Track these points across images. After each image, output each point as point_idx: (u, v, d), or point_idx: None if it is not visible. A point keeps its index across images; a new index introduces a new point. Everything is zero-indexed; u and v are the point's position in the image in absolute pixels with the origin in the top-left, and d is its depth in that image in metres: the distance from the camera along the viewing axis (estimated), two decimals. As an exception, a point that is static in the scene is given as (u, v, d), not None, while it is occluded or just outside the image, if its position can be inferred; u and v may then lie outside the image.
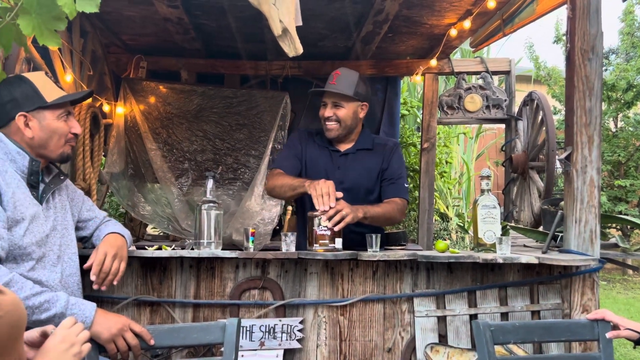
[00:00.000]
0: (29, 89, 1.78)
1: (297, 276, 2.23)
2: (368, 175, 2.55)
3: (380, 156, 2.57)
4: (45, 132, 1.79)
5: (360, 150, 2.58)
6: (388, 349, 2.21)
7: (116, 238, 1.97)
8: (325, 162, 2.56)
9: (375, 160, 2.56)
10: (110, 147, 3.46)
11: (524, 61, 9.38)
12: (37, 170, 1.78)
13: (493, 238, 2.25)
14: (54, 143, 1.82)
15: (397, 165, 2.58)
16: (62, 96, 1.84)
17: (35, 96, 1.78)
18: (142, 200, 3.61)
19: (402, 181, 2.56)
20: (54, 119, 1.81)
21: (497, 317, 2.20)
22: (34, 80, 1.82)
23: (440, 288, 2.23)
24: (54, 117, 1.81)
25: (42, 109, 1.79)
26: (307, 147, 2.60)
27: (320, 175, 2.43)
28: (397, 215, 2.48)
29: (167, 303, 2.19)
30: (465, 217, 7.25)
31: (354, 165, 2.55)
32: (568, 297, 2.22)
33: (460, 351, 2.15)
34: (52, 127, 1.81)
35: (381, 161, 2.57)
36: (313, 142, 2.62)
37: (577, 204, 2.23)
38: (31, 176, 1.77)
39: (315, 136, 2.64)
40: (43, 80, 1.85)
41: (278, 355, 2.14)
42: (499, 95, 4.02)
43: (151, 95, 3.66)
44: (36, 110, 1.78)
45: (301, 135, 2.67)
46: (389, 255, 2.15)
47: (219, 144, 3.74)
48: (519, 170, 3.68)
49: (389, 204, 2.46)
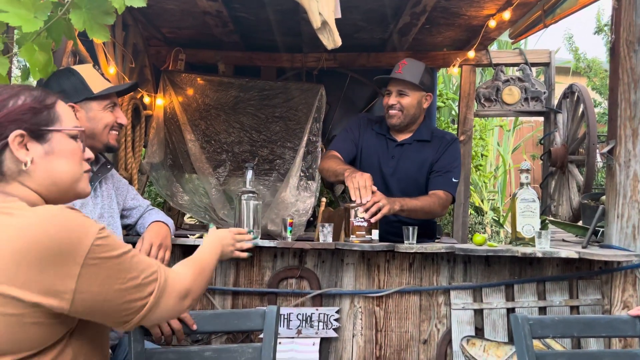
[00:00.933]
0: (76, 81, 1.85)
1: (334, 266, 2.26)
2: (421, 167, 2.54)
3: (435, 148, 2.56)
4: (92, 122, 1.85)
5: (418, 141, 2.58)
6: (424, 341, 2.22)
7: (160, 227, 2.03)
8: (380, 151, 2.58)
9: (430, 153, 2.55)
10: (151, 138, 3.55)
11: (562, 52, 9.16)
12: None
13: (532, 232, 2.23)
14: (100, 133, 1.88)
15: (449, 159, 2.55)
16: (108, 87, 1.89)
17: (82, 87, 1.85)
18: (180, 190, 3.69)
19: (451, 175, 2.51)
20: (101, 109, 1.87)
21: (535, 312, 2.18)
22: (82, 72, 1.88)
23: (478, 281, 2.23)
24: (101, 108, 1.87)
25: (89, 100, 1.85)
26: (365, 134, 2.63)
27: (373, 163, 2.50)
28: (438, 209, 2.42)
29: (207, 290, 2.25)
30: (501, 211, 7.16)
31: (409, 155, 2.56)
32: (608, 293, 2.19)
33: (497, 344, 2.15)
34: (99, 117, 1.86)
35: (435, 153, 2.55)
36: (371, 130, 2.64)
37: (619, 199, 2.19)
38: None
39: (375, 124, 2.66)
40: (90, 72, 1.92)
41: (315, 343, 2.18)
42: (537, 88, 3.95)
43: (189, 88, 3.73)
44: (83, 102, 1.84)
45: (361, 121, 2.69)
46: (426, 248, 2.16)
47: (255, 135, 3.79)
48: (558, 164, 3.61)
49: (430, 197, 2.43)
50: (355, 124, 2.68)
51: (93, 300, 1.02)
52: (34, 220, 1.00)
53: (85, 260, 1.01)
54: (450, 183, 2.49)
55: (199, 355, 1.64)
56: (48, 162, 1.14)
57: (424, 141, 2.58)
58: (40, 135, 1.13)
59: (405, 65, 2.55)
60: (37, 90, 1.17)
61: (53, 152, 1.15)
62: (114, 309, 1.07)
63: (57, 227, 1.00)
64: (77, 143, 1.19)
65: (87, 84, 1.86)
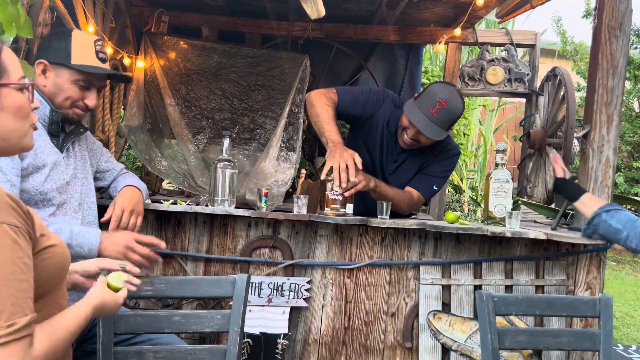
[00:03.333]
0: (64, 45, 1.79)
1: (307, 238, 2.28)
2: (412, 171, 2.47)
3: (435, 154, 2.45)
4: (56, 87, 1.79)
5: (426, 149, 2.42)
6: (392, 313, 2.27)
7: (133, 191, 2.01)
8: (385, 148, 2.45)
9: (429, 157, 2.45)
10: (130, 101, 3.49)
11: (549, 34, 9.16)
12: (57, 120, 1.81)
13: (503, 212, 2.26)
14: (60, 101, 1.81)
15: (442, 167, 2.45)
16: (87, 65, 1.81)
17: (64, 53, 1.78)
18: (158, 155, 3.66)
19: (435, 182, 2.44)
20: (69, 81, 1.80)
21: (501, 290, 2.23)
22: (76, 38, 1.82)
23: (447, 258, 2.26)
24: (70, 79, 1.80)
25: (64, 66, 1.79)
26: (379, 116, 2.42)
27: (375, 157, 2.40)
28: (404, 207, 2.38)
29: (180, 256, 2.26)
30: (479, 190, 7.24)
31: (412, 161, 2.44)
32: (573, 274, 2.24)
33: (462, 320, 2.20)
34: (63, 87, 1.80)
35: (432, 157, 2.45)
36: (385, 121, 2.43)
37: (590, 183, 2.22)
38: (52, 125, 1.80)
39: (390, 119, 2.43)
40: (85, 42, 1.84)
41: (285, 312, 2.21)
42: (521, 69, 3.96)
43: (171, 51, 3.66)
44: (58, 65, 1.78)
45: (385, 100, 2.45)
46: (398, 223, 2.19)
47: (236, 103, 3.75)
48: (536, 146, 3.65)
49: (404, 192, 2.38)
50: (378, 97, 2.43)
51: None
52: None
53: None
54: (430, 189, 2.44)
55: (168, 320, 1.66)
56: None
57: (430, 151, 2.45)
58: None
59: (444, 109, 2.21)
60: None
61: (1, 109, 1.11)
62: None
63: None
64: (24, 95, 1.15)
65: (70, 51, 1.79)
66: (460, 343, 2.19)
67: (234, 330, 1.66)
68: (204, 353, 1.66)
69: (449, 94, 2.25)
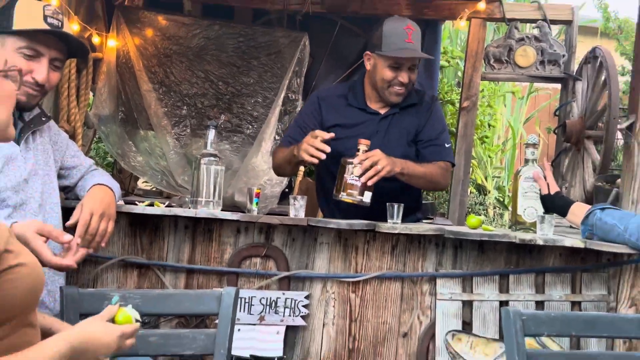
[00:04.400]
0: (7, 12, 1.76)
1: (306, 246, 2.28)
2: (408, 137, 2.56)
3: (417, 113, 2.58)
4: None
5: (405, 108, 2.57)
6: (404, 334, 2.27)
7: (104, 192, 2.01)
8: (361, 126, 2.54)
9: (413, 119, 2.57)
10: (100, 86, 3.50)
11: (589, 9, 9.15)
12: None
13: (534, 216, 2.27)
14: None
15: (435, 124, 2.58)
16: (31, 28, 1.76)
17: (6, 19, 1.75)
18: (133, 149, 3.67)
19: (444, 141, 2.56)
20: (13, 50, 1.76)
21: (531, 306, 2.24)
22: (21, 4, 1.79)
23: (469, 269, 2.27)
24: (14, 49, 1.76)
25: (6, 34, 1.75)
26: (330, 112, 2.57)
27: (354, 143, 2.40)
28: (442, 180, 2.53)
29: (157, 266, 2.26)
30: (506, 191, 7.24)
31: (395, 128, 2.56)
32: (615, 289, 2.25)
33: (485, 341, 2.21)
34: (6, 58, 1.69)
35: (418, 119, 2.56)
36: (342, 104, 2.59)
37: (635, 183, 2.23)
38: None
39: (343, 97, 2.61)
40: (33, 7, 1.81)
41: (279, 332, 2.22)
42: (556, 50, 3.95)
43: (148, 28, 3.67)
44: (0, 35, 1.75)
45: (319, 101, 2.62)
46: (411, 229, 2.19)
47: (223, 89, 3.76)
48: (573, 139, 3.65)
49: (433, 165, 2.48)
50: (310, 108, 2.62)
51: None
52: None
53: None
54: (445, 150, 2.56)
55: (143, 340, 1.67)
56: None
57: (410, 106, 2.59)
58: None
59: (414, 32, 2.48)
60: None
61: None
62: None
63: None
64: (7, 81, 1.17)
65: (13, 17, 1.76)
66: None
67: (220, 353, 1.67)
68: (185, 379, 1.67)
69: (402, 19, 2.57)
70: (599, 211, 2.10)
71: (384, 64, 2.48)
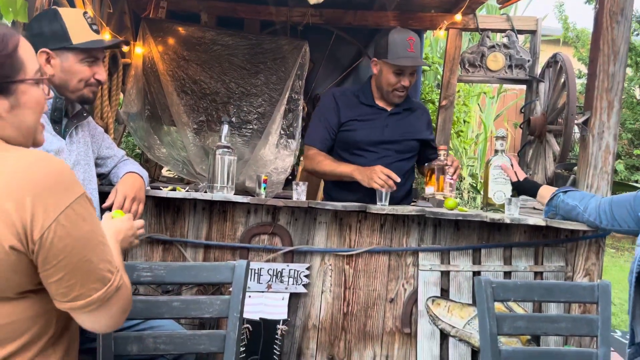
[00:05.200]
0: (58, 27, 1.75)
1: (307, 224, 2.28)
2: (414, 133, 2.62)
3: (420, 118, 2.68)
4: (66, 74, 1.77)
5: (405, 109, 2.64)
6: (390, 299, 2.28)
7: (135, 179, 2.01)
8: (372, 121, 2.58)
9: (419, 122, 2.66)
10: (128, 87, 3.48)
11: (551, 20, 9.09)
12: (60, 107, 1.80)
13: (502, 199, 2.27)
14: (73, 85, 1.80)
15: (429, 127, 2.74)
16: (89, 41, 1.79)
17: (62, 35, 1.75)
18: (158, 142, 3.65)
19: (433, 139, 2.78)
20: (77, 62, 1.78)
21: (500, 276, 2.24)
22: (66, 17, 1.78)
23: (446, 244, 2.27)
24: (77, 60, 1.78)
25: (66, 49, 1.76)
26: (346, 109, 2.59)
27: (366, 133, 2.53)
28: None
29: (179, 242, 2.26)
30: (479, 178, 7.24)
31: (401, 123, 2.61)
32: (572, 261, 2.25)
33: (460, 305, 2.22)
34: (73, 70, 1.78)
35: (425, 125, 2.68)
36: (355, 102, 2.61)
37: (590, 170, 2.23)
38: (54, 112, 1.79)
39: (354, 95, 2.64)
40: (77, 19, 1.81)
41: (284, 298, 2.22)
42: (522, 55, 3.93)
43: (170, 37, 3.63)
44: (60, 50, 1.75)
45: (336, 99, 2.63)
46: (397, 210, 2.19)
47: (235, 90, 3.73)
48: (536, 132, 3.64)
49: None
50: (329, 106, 2.62)
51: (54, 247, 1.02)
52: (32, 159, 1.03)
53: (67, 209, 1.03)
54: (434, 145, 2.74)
55: (167, 305, 1.67)
56: (15, 115, 1.09)
57: (408, 109, 2.66)
58: (4, 88, 1.07)
59: (415, 42, 2.51)
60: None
61: (19, 105, 1.10)
62: (65, 281, 1.05)
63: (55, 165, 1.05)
64: (40, 88, 1.14)
65: (67, 32, 1.76)
66: (458, 329, 2.20)
67: (233, 316, 1.66)
68: (203, 338, 1.66)
69: (405, 31, 2.57)
70: (562, 194, 2.12)
71: (388, 69, 2.50)
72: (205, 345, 1.66)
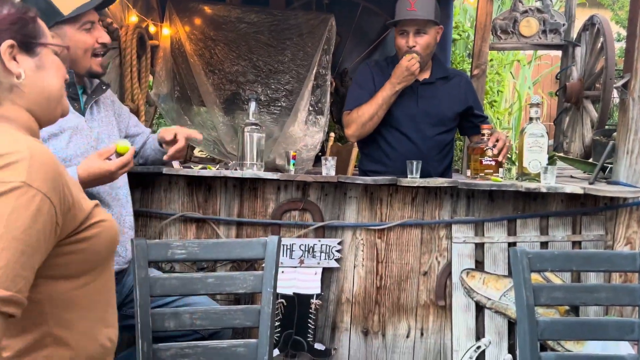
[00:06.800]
0: (42, 3, 1.67)
1: (337, 199, 2.27)
2: (450, 104, 2.53)
3: (458, 87, 2.55)
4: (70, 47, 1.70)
5: (439, 79, 2.54)
6: (424, 273, 2.26)
7: None
8: (405, 92, 2.48)
9: (456, 91, 2.54)
10: (158, 69, 3.50)
11: (588, -18, 8.70)
12: (73, 81, 1.79)
13: (538, 167, 2.20)
14: (81, 58, 1.76)
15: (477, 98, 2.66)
16: (79, 6, 1.72)
17: (50, 10, 1.69)
18: (188, 123, 3.68)
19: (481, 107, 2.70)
20: (75, 31, 1.73)
21: (536, 246, 2.19)
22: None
23: (480, 216, 2.23)
24: (75, 30, 1.73)
25: (60, 23, 1.70)
26: (381, 80, 2.50)
27: (400, 104, 2.45)
28: None
29: (212, 220, 2.28)
30: (514, 148, 7.07)
31: (435, 93, 2.52)
32: (612, 229, 2.18)
33: (496, 277, 2.18)
34: (75, 41, 1.73)
35: (463, 94, 2.55)
36: (389, 73, 2.51)
37: (630, 135, 2.14)
38: (69, 88, 1.77)
39: (387, 66, 2.55)
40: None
41: (317, 272, 2.23)
42: (557, 19, 3.78)
43: (196, 17, 3.63)
44: (55, 26, 1.69)
45: (371, 69, 2.58)
46: (428, 182, 2.15)
47: (263, 67, 3.72)
48: (573, 99, 3.52)
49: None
50: (366, 75, 2.56)
51: None
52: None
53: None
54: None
55: (202, 282, 1.69)
56: (39, 77, 1.11)
57: (443, 78, 2.55)
58: (30, 47, 1.10)
59: (417, 1, 2.42)
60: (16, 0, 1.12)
61: (44, 67, 1.12)
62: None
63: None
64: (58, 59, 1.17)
65: (54, 5, 1.70)
66: (494, 300, 2.17)
67: (267, 291, 1.68)
68: (238, 313, 1.69)
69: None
70: None
71: (396, 33, 2.47)
72: (241, 320, 1.68)
